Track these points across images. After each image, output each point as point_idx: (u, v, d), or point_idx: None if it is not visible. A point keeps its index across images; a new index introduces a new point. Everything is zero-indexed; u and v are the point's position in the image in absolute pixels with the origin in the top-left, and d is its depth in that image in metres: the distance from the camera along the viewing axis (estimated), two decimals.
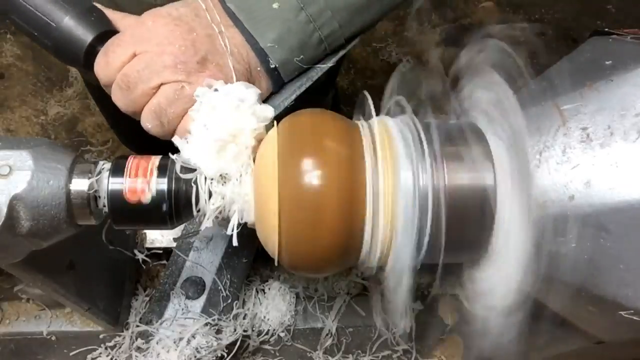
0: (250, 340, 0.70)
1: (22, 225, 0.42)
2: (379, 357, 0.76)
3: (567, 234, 0.41)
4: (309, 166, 0.42)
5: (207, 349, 0.60)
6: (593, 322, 0.47)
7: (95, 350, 0.67)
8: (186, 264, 0.65)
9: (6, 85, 2.08)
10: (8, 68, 2.12)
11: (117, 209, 0.44)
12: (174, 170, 0.45)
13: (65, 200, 0.43)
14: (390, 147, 0.44)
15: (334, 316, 0.74)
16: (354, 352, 0.75)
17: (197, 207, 0.46)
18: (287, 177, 0.43)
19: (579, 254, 0.41)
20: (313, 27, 0.51)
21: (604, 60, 0.46)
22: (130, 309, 0.69)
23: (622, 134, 0.40)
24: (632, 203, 0.38)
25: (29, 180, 0.41)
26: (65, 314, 0.68)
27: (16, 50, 2.17)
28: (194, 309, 0.62)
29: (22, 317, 0.68)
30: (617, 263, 0.39)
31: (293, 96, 0.70)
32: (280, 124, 0.47)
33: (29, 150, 0.43)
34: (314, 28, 0.51)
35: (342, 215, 0.42)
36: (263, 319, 0.70)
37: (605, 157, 0.40)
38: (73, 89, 2.13)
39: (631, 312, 0.40)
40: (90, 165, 0.45)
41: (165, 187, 0.44)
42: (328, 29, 0.52)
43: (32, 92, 2.10)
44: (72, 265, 0.56)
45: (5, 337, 0.68)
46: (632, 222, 0.38)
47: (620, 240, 0.39)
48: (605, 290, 0.41)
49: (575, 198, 0.40)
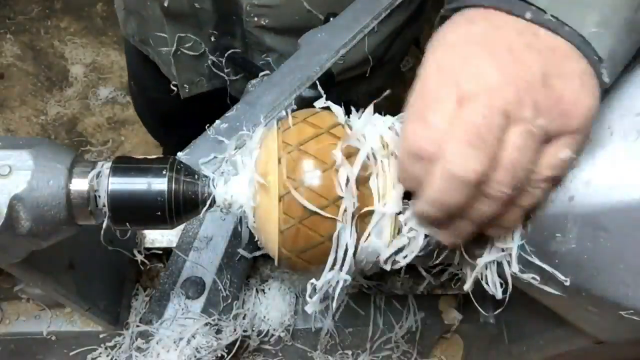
0: (250, 340, 0.70)
1: (22, 225, 0.42)
2: (379, 357, 0.76)
3: (567, 234, 0.41)
4: (309, 166, 0.42)
5: (207, 349, 0.60)
6: (593, 322, 0.47)
7: (95, 350, 0.67)
8: (186, 264, 0.64)
9: (6, 85, 2.08)
10: (8, 68, 2.12)
11: (117, 209, 0.44)
12: (174, 169, 0.45)
13: (65, 200, 0.43)
14: (390, 147, 0.44)
15: (333, 316, 0.74)
16: (354, 352, 0.75)
17: (198, 208, 0.46)
18: (288, 178, 0.43)
19: (579, 254, 0.41)
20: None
21: None
22: (130, 309, 0.69)
23: (622, 134, 0.40)
24: (632, 203, 0.38)
25: (29, 180, 0.41)
26: (65, 314, 0.68)
27: (16, 50, 2.17)
28: (194, 309, 0.62)
29: (22, 317, 0.68)
30: (617, 263, 0.39)
31: (293, 96, 0.70)
32: (281, 123, 0.47)
33: (29, 150, 0.43)
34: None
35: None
36: (263, 319, 0.70)
37: (605, 157, 0.40)
38: (73, 89, 2.14)
39: (631, 312, 0.40)
40: (90, 165, 0.45)
41: (165, 187, 0.44)
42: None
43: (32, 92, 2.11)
44: (72, 265, 0.56)
45: (5, 337, 0.68)
46: (631, 222, 0.38)
47: (620, 240, 0.39)
48: (605, 290, 0.41)
49: (575, 198, 0.40)
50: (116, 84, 2.12)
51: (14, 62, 2.11)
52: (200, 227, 0.66)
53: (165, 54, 0.94)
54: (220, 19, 0.86)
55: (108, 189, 0.44)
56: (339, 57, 0.71)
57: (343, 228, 0.42)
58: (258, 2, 0.81)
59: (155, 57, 0.98)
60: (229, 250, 0.66)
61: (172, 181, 0.44)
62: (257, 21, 0.84)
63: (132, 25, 0.98)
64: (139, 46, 1.00)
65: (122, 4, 0.97)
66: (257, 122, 0.66)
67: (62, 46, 2.17)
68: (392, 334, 0.75)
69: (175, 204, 0.44)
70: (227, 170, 0.52)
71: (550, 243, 0.42)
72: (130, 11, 0.95)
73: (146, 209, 0.44)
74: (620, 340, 0.49)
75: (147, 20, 0.92)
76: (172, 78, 0.96)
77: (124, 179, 0.44)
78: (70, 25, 2.24)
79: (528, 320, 0.66)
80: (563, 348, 0.59)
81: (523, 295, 0.48)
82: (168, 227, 0.46)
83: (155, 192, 0.44)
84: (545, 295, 0.47)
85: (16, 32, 2.16)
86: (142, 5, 0.90)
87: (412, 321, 0.75)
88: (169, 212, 0.44)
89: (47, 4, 2.28)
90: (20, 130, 2.00)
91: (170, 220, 0.45)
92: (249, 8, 0.82)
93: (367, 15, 0.75)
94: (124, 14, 0.98)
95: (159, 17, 0.88)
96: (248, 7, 0.82)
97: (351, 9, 0.76)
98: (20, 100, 2.05)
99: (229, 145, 0.55)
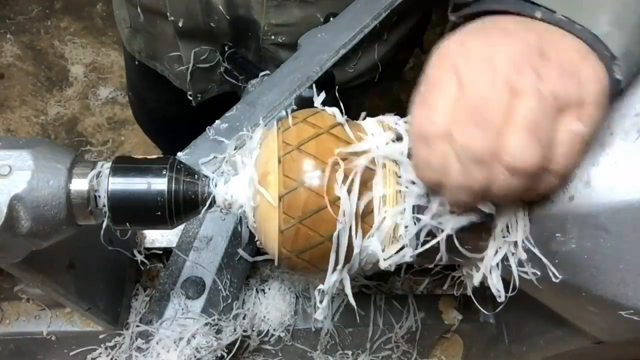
0: (250, 340, 0.70)
1: (22, 225, 0.42)
2: (379, 357, 0.76)
3: (567, 234, 0.41)
4: (309, 166, 0.42)
5: (207, 349, 0.60)
6: (593, 322, 0.47)
7: (95, 350, 0.67)
8: (186, 264, 0.64)
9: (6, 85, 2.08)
10: (8, 68, 2.12)
11: (117, 209, 0.44)
12: (174, 169, 0.45)
13: (65, 200, 0.43)
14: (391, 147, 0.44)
15: (333, 316, 0.74)
16: (354, 352, 0.75)
17: (198, 208, 0.46)
18: (288, 178, 0.43)
19: (579, 254, 0.41)
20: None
21: None
22: (130, 309, 0.69)
23: (622, 134, 0.39)
24: (632, 203, 0.38)
25: (29, 180, 0.41)
26: (65, 314, 0.68)
27: (16, 50, 2.17)
28: (194, 309, 0.62)
29: (22, 317, 0.68)
30: (617, 263, 0.39)
31: (293, 96, 0.70)
32: (281, 123, 0.47)
33: (29, 150, 0.43)
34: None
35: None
36: (263, 319, 0.70)
37: (605, 157, 0.40)
38: (73, 89, 2.14)
39: (631, 312, 0.40)
40: (90, 165, 0.45)
41: (165, 187, 0.44)
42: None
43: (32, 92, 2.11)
44: (72, 265, 0.56)
45: (5, 337, 0.68)
46: (632, 222, 0.38)
47: (620, 240, 0.39)
48: (605, 290, 0.41)
49: (575, 198, 0.40)
50: (116, 84, 2.11)
51: (14, 62, 2.11)
52: (200, 227, 0.66)
53: (178, 70, 0.93)
54: (236, 34, 0.86)
55: (108, 189, 0.44)
56: (338, 57, 0.71)
57: (343, 229, 0.42)
58: (276, 22, 0.81)
59: (166, 72, 0.97)
60: (229, 250, 0.66)
61: (172, 181, 0.44)
62: (274, 39, 0.85)
63: (138, 42, 0.96)
64: (146, 62, 0.99)
65: (127, 22, 0.95)
66: (257, 122, 0.66)
67: (62, 46, 2.17)
68: (392, 334, 0.75)
69: (175, 204, 0.44)
70: (227, 170, 0.52)
71: (550, 243, 0.42)
72: (137, 29, 0.94)
73: (146, 209, 0.44)
74: (620, 340, 0.49)
75: (157, 37, 0.91)
76: (184, 88, 0.96)
77: (123, 179, 0.44)
78: (70, 25, 2.24)
79: (528, 320, 0.66)
80: (563, 348, 0.59)
81: (523, 295, 0.48)
82: (168, 227, 0.46)
83: (155, 192, 0.44)
84: (545, 295, 0.47)
85: (16, 32, 2.16)
86: (152, 24, 0.89)
87: (412, 321, 0.75)
88: (169, 212, 0.44)
89: (47, 4, 2.27)
90: (20, 130, 2.00)
91: (170, 220, 0.45)
92: (267, 28, 0.82)
93: (367, 15, 0.75)
94: (128, 32, 0.95)
95: (170, 35, 0.87)
96: (266, 27, 0.82)
97: (351, 9, 0.76)
98: (20, 100, 2.05)
99: (229, 145, 0.55)
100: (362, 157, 0.43)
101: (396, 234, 0.44)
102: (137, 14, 0.88)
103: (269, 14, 0.80)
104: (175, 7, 0.80)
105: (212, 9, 0.80)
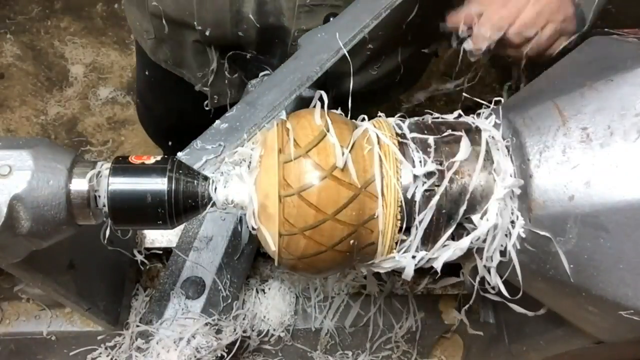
0: (250, 340, 0.70)
1: (22, 225, 0.42)
2: (379, 357, 0.76)
3: (567, 234, 0.41)
4: (309, 167, 0.42)
5: (207, 349, 0.60)
6: (593, 322, 0.47)
7: (95, 350, 0.67)
8: (186, 264, 0.64)
9: (6, 85, 2.08)
10: (8, 68, 2.11)
11: (117, 209, 0.44)
12: (175, 170, 0.45)
13: (65, 200, 0.43)
14: (390, 148, 0.44)
15: (333, 316, 0.74)
16: (354, 352, 0.75)
17: (198, 208, 0.46)
18: (288, 178, 0.43)
19: (579, 254, 0.41)
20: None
21: (604, 60, 0.46)
22: (130, 309, 0.69)
23: (622, 134, 0.40)
24: (631, 203, 0.38)
25: (29, 180, 0.41)
26: (65, 314, 0.68)
27: (16, 50, 2.17)
28: (194, 309, 0.62)
29: (22, 317, 0.68)
30: (617, 263, 0.39)
31: (293, 96, 0.70)
32: (281, 124, 0.47)
33: (29, 150, 0.43)
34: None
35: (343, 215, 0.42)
36: (263, 319, 0.70)
37: (605, 157, 0.40)
38: (73, 89, 2.13)
39: (631, 312, 0.40)
40: (90, 166, 0.45)
41: (165, 187, 0.44)
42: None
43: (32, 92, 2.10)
44: (72, 265, 0.56)
45: (5, 337, 0.68)
46: (632, 222, 0.38)
47: (620, 240, 0.39)
48: (605, 290, 0.41)
49: (575, 198, 0.40)
50: (116, 84, 2.11)
51: (14, 62, 2.11)
52: (200, 227, 0.66)
53: (202, 75, 0.94)
54: (262, 41, 0.86)
55: (108, 189, 0.44)
56: (339, 57, 0.71)
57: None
58: (306, 27, 0.81)
59: (192, 79, 0.99)
60: (229, 250, 0.66)
61: (172, 181, 0.44)
62: None
63: (164, 51, 0.97)
64: (172, 69, 1.00)
65: (151, 33, 0.96)
66: (257, 122, 0.66)
67: (62, 46, 2.17)
68: (392, 334, 0.75)
69: (175, 204, 0.44)
70: (227, 170, 0.52)
71: (550, 243, 0.42)
72: (162, 39, 0.95)
73: (146, 209, 0.44)
74: (620, 340, 0.49)
75: (183, 45, 0.92)
76: (205, 92, 0.97)
77: (123, 179, 0.44)
78: (70, 25, 2.24)
79: (528, 320, 0.66)
80: (563, 348, 0.59)
81: (523, 296, 0.48)
82: (168, 227, 0.46)
83: (155, 192, 0.44)
84: (545, 295, 0.47)
85: (16, 32, 2.16)
86: (177, 33, 0.91)
87: (412, 321, 0.75)
88: (169, 212, 0.44)
89: (47, 4, 2.27)
90: (20, 130, 2.00)
91: (170, 220, 0.45)
92: (297, 33, 0.83)
93: (367, 15, 0.75)
94: (153, 42, 0.97)
95: (196, 44, 0.89)
96: (296, 33, 0.82)
97: (351, 9, 0.76)
98: (20, 100, 2.05)
99: (230, 146, 0.55)
100: (360, 159, 0.43)
101: (393, 244, 0.45)
102: (161, 25, 0.89)
103: (299, 19, 0.81)
104: (203, 17, 0.81)
105: (242, 18, 0.81)
